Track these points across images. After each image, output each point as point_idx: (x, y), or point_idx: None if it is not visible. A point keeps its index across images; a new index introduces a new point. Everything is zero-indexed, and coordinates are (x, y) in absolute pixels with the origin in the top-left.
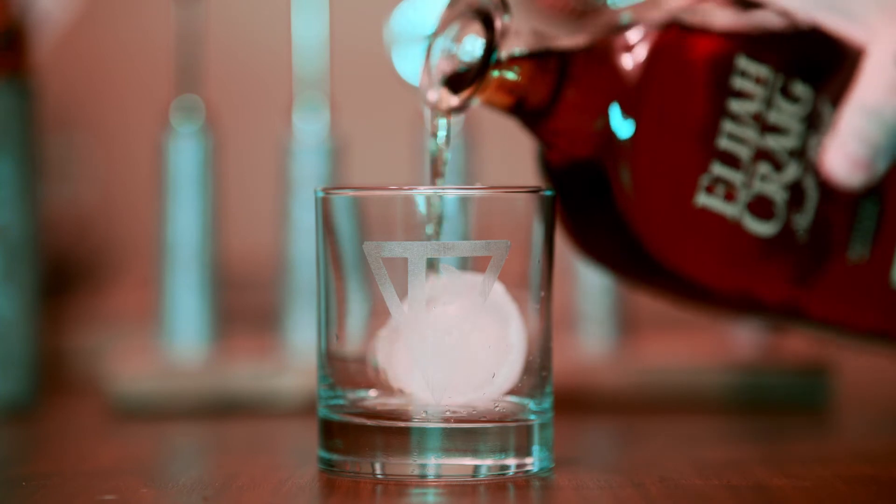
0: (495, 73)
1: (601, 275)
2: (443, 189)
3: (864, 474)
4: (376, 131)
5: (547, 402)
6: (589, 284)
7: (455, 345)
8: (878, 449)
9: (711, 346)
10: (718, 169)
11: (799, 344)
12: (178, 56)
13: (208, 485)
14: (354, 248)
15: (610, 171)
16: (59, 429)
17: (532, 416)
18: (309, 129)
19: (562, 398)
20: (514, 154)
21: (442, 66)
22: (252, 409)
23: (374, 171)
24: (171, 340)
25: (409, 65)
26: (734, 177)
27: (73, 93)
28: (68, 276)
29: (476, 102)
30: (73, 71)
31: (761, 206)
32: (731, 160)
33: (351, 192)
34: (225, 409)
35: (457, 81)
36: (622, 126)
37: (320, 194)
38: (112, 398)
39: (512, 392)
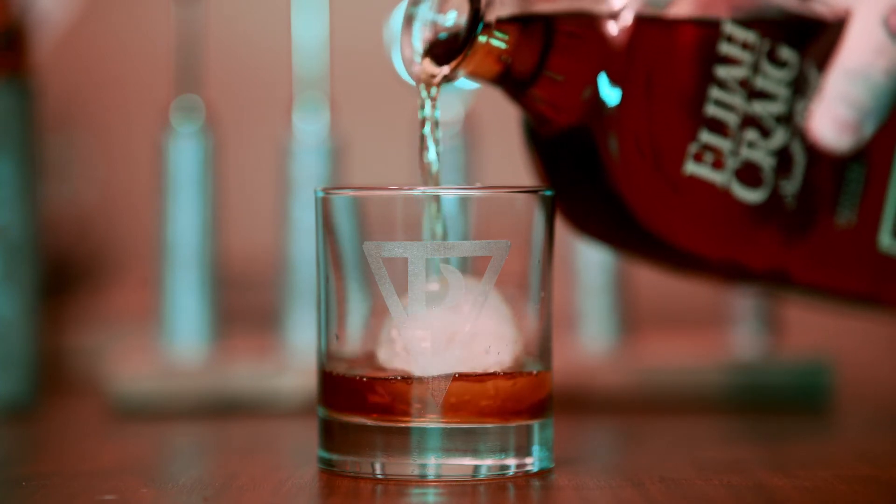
0: (482, 40)
1: (593, 246)
2: (443, 189)
3: (865, 474)
4: (376, 131)
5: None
6: (589, 284)
7: (455, 345)
8: (879, 449)
9: (711, 346)
10: (706, 136)
11: (799, 343)
12: (178, 56)
13: (208, 485)
14: (354, 248)
15: (598, 140)
16: (59, 429)
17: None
18: (309, 129)
19: (562, 398)
20: (514, 154)
21: (426, 37)
22: (252, 409)
23: (374, 171)
24: (171, 340)
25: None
26: (722, 144)
27: (73, 93)
28: (68, 276)
29: (463, 73)
30: (73, 71)
31: (749, 173)
32: (718, 127)
33: (351, 192)
34: (225, 409)
35: (442, 52)
36: (609, 94)
37: (320, 194)
38: (112, 398)
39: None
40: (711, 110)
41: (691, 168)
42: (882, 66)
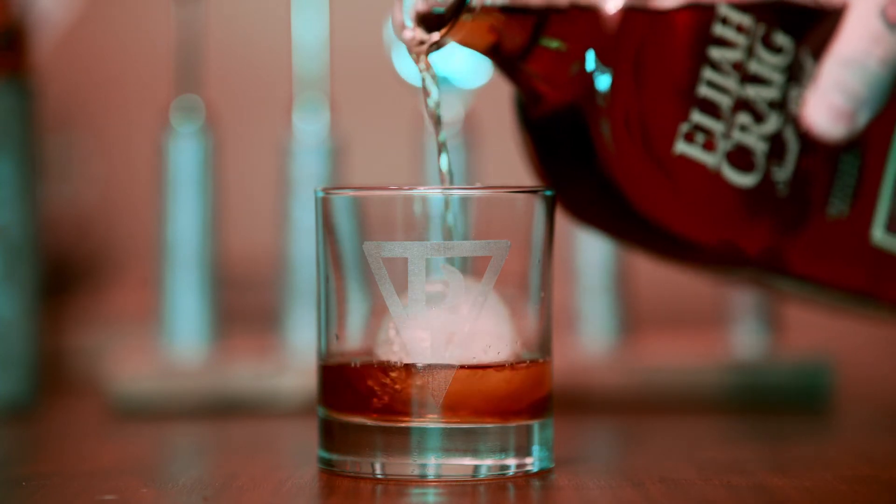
0: (475, 5)
1: (586, 232)
2: (442, 189)
3: (865, 474)
4: (376, 131)
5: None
6: (589, 284)
7: (454, 345)
8: (879, 449)
9: (711, 346)
10: (698, 117)
11: (800, 343)
12: (178, 56)
13: (208, 485)
14: (354, 248)
15: (588, 118)
16: (59, 429)
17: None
18: (309, 129)
19: (562, 398)
20: (514, 154)
21: (418, 6)
22: (252, 409)
23: (374, 171)
24: (171, 340)
25: (409, 65)
26: (714, 126)
27: (73, 93)
28: (68, 276)
29: (454, 40)
30: (73, 71)
31: (741, 157)
32: (710, 108)
33: (351, 192)
34: (225, 409)
35: (433, 20)
36: (600, 70)
37: (320, 194)
38: (112, 398)
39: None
40: (704, 91)
41: (682, 148)
42: (878, 56)
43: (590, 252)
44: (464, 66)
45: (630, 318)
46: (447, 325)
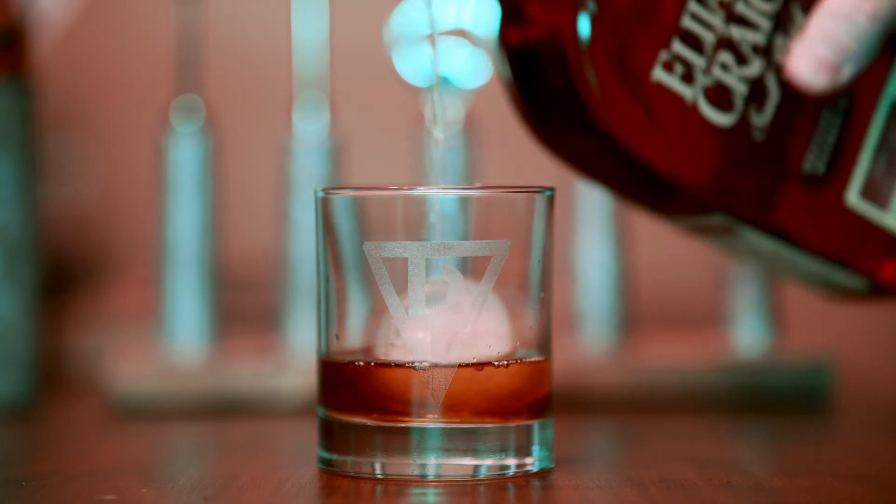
0: None
1: (572, 172)
2: (443, 189)
3: (865, 474)
4: (376, 131)
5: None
6: (589, 284)
7: (455, 345)
8: (879, 449)
9: (711, 346)
10: (678, 47)
11: (800, 343)
12: (178, 56)
13: (208, 485)
14: (354, 248)
15: (567, 45)
16: (59, 429)
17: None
18: (309, 129)
19: (562, 398)
20: (514, 154)
21: None
22: (252, 409)
23: (374, 171)
24: (171, 340)
25: (409, 65)
26: (694, 59)
27: (73, 93)
28: (68, 276)
29: None
30: (73, 71)
31: (719, 95)
32: (692, 41)
33: (351, 192)
34: (225, 409)
35: None
36: None
37: (320, 194)
38: (112, 398)
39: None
40: (687, 23)
41: (659, 75)
42: (867, 11)
43: (590, 252)
44: (464, 66)
45: (630, 318)
46: (447, 326)
